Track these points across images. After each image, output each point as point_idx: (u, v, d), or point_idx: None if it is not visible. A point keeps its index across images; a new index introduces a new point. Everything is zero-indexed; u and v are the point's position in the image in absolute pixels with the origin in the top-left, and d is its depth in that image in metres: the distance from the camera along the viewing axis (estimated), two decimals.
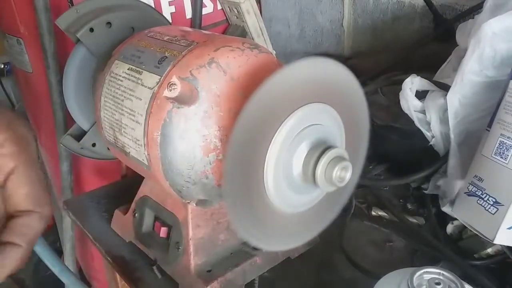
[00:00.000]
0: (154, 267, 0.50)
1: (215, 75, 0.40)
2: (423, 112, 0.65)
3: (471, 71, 0.59)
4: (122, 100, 0.45)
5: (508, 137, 0.50)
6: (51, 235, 1.32)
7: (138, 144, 0.43)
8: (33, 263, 1.41)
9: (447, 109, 0.61)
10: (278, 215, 0.38)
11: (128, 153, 0.46)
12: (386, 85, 0.82)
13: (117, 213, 0.58)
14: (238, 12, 0.99)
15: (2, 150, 0.28)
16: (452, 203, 0.58)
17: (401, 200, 0.70)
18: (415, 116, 0.65)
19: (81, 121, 0.61)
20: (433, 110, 0.63)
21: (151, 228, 0.52)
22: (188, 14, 0.95)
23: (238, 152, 0.33)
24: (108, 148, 0.52)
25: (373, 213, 0.68)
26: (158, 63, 0.42)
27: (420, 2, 0.91)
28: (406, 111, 0.65)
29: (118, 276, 0.65)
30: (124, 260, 0.54)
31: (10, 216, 0.28)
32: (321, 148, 0.37)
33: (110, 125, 0.47)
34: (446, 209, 0.60)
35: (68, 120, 0.86)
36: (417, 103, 0.65)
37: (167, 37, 0.46)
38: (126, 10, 0.56)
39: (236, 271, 0.48)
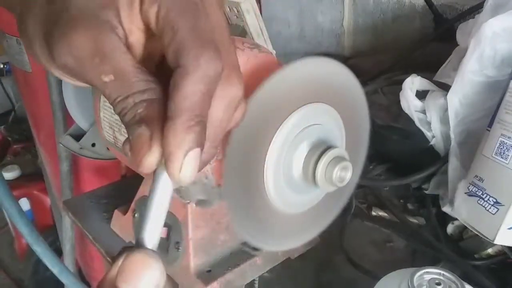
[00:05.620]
0: None
1: None
2: (424, 112, 0.64)
3: (472, 71, 0.59)
4: None
5: (509, 137, 0.50)
6: (51, 235, 1.32)
7: None
8: (33, 263, 1.42)
9: (447, 109, 0.61)
10: (278, 215, 0.38)
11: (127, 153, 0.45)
12: (386, 85, 0.82)
13: (117, 213, 0.58)
14: (238, 11, 0.99)
15: None
16: (452, 203, 0.58)
17: (401, 200, 0.70)
18: (416, 116, 0.65)
19: (81, 121, 0.61)
20: (433, 110, 0.63)
21: None
22: None
23: (238, 152, 0.33)
24: (108, 148, 0.52)
25: (373, 213, 0.68)
26: None
27: (420, 1, 0.91)
28: (406, 111, 0.65)
29: None
30: None
31: None
32: (321, 148, 0.36)
33: (109, 125, 0.47)
34: (446, 209, 0.60)
35: (68, 120, 0.86)
36: (417, 103, 0.65)
37: None
38: None
39: (236, 271, 0.48)
